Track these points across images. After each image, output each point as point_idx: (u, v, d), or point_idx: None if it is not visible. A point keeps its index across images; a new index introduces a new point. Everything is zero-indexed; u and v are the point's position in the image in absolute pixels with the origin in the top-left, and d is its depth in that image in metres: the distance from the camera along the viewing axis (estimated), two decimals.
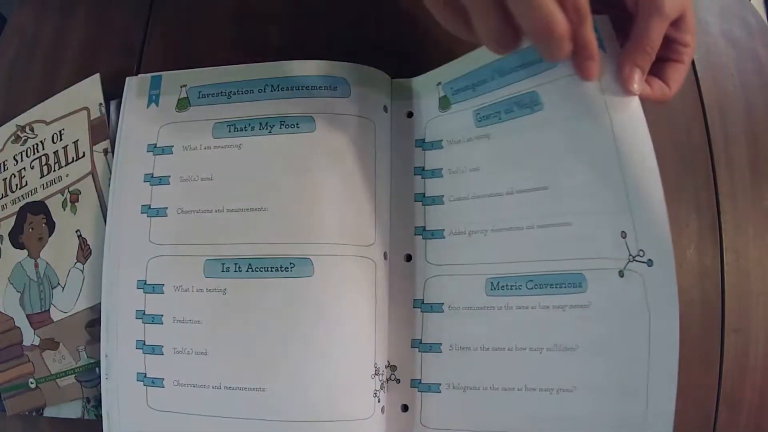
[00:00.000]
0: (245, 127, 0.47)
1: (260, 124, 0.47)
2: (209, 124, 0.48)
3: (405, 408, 0.44)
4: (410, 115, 0.48)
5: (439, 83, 0.47)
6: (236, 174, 0.47)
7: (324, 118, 0.46)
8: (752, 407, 0.47)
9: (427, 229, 0.46)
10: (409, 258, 0.46)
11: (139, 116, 0.49)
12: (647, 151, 0.37)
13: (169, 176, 0.48)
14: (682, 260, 0.47)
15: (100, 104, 0.52)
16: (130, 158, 0.49)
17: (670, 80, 0.38)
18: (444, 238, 0.45)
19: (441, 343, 0.44)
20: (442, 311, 0.44)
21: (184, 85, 0.49)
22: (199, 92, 0.49)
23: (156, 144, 0.48)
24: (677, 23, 0.37)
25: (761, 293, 0.48)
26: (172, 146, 0.48)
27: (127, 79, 0.50)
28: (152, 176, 0.48)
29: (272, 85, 0.48)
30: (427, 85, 0.48)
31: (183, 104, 0.49)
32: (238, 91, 0.48)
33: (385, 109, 0.48)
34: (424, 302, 0.45)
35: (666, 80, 0.39)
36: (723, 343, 0.47)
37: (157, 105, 0.49)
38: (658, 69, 0.39)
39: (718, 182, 0.49)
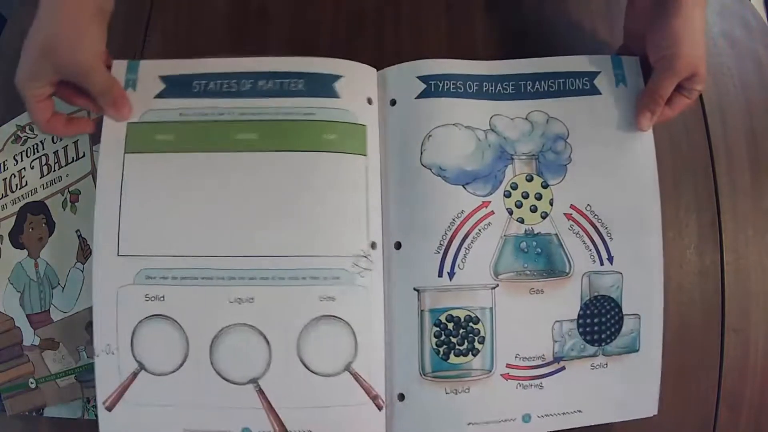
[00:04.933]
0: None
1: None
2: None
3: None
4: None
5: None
6: None
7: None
8: (752, 407, 0.47)
9: None
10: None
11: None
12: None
13: None
14: (682, 260, 0.47)
15: None
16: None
17: (673, 105, 0.46)
18: None
19: None
20: None
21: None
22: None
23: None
24: (691, 78, 0.44)
25: (761, 293, 0.48)
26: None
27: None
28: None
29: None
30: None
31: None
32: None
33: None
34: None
35: (669, 105, 0.46)
36: (723, 343, 0.47)
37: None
38: (670, 103, 0.46)
39: (718, 182, 0.49)
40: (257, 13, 0.54)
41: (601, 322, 0.46)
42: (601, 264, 0.46)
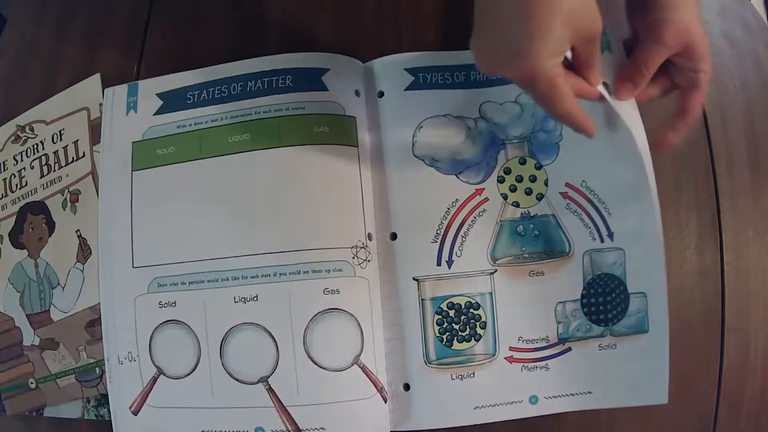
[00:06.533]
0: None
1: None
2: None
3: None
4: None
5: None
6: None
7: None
8: (752, 407, 0.47)
9: None
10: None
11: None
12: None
13: None
14: (682, 260, 0.47)
15: (100, 104, 0.52)
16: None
17: (690, 105, 0.40)
18: None
19: None
20: None
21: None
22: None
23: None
24: (686, 53, 0.38)
25: (761, 293, 0.48)
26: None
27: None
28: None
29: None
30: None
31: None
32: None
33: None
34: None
35: (687, 106, 0.40)
36: (723, 343, 0.47)
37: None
38: (681, 97, 0.41)
39: (718, 182, 0.49)
40: (256, 11, 0.54)
41: (606, 301, 0.45)
42: (602, 241, 0.46)
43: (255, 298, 0.45)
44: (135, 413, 0.46)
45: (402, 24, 0.52)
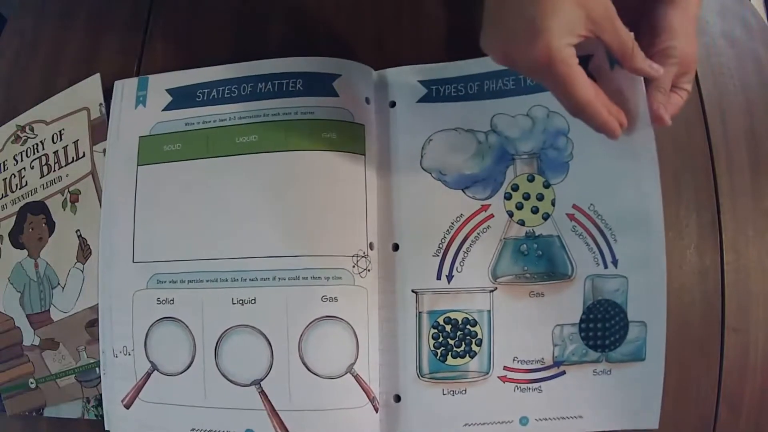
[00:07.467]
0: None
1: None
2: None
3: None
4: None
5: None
6: None
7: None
8: (752, 407, 0.47)
9: None
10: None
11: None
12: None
13: None
14: (682, 260, 0.47)
15: (100, 104, 0.52)
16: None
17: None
18: None
19: None
20: None
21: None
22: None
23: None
24: (680, 74, 0.40)
25: (761, 293, 0.48)
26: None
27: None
28: None
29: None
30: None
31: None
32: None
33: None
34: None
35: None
36: (723, 343, 0.47)
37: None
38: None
39: (718, 182, 0.49)
40: (257, 13, 0.54)
41: (605, 327, 0.45)
42: (605, 267, 0.45)
43: (253, 301, 0.45)
44: (127, 407, 0.46)
45: (405, 27, 0.52)
